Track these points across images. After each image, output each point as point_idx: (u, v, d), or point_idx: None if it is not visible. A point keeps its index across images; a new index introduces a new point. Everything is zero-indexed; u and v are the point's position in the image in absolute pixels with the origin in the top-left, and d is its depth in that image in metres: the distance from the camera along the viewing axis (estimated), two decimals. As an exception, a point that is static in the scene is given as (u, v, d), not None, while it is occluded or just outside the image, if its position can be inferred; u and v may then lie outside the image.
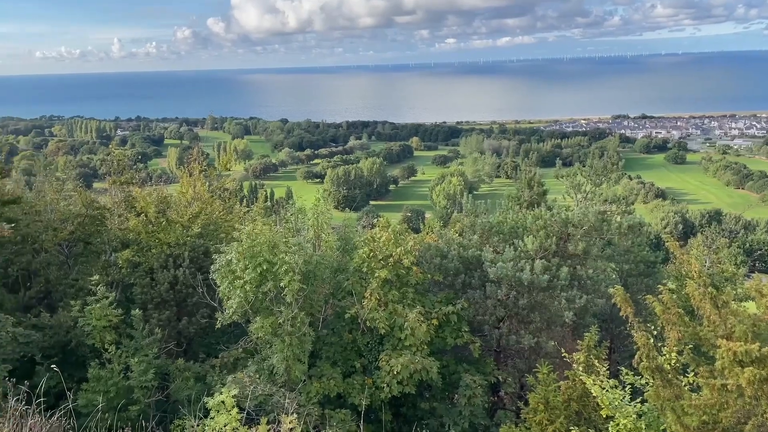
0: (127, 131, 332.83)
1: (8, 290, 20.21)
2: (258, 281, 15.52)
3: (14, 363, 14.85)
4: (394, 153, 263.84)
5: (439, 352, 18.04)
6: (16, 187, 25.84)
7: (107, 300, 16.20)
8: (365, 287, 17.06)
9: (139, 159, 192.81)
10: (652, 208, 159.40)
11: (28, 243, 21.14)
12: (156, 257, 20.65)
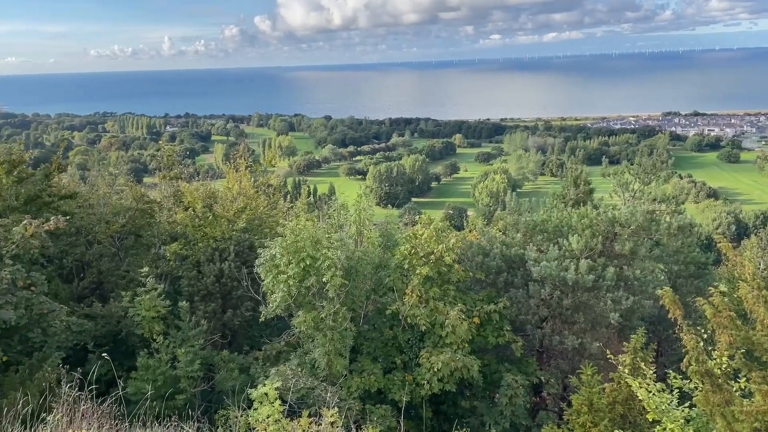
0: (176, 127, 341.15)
1: (63, 280, 21.00)
2: (301, 276, 15.70)
3: (68, 351, 15.41)
4: (437, 150, 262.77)
5: (481, 351, 17.91)
6: (71, 181, 26.86)
7: (156, 291, 16.65)
8: (406, 284, 17.08)
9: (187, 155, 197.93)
10: (703, 208, 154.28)
11: (82, 235, 21.94)
12: (203, 251, 21.14)
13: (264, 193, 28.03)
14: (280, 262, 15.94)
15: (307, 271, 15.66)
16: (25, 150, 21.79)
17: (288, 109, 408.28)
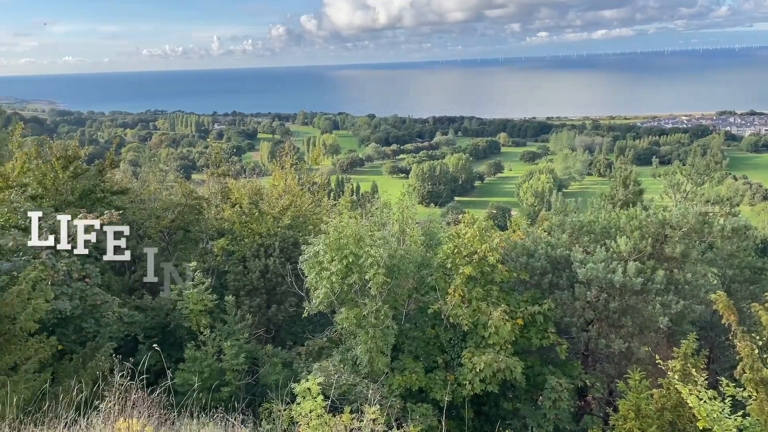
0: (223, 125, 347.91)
1: (115, 273, 21.70)
2: (344, 273, 15.82)
3: (119, 341, 15.93)
4: (481, 149, 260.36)
5: (524, 352, 17.68)
6: (123, 177, 27.76)
7: (203, 285, 17.05)
8: (449, 283, 16.99)
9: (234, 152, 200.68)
10: (759, 210, 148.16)
11: (133, 229, 22.65)
12: (248, 246, 21.53)
13: (308, 191, 28.35)
14: (323, 258, 16.10)
15: (350, 268, 15.77)
16: (81, 146, 22.61)
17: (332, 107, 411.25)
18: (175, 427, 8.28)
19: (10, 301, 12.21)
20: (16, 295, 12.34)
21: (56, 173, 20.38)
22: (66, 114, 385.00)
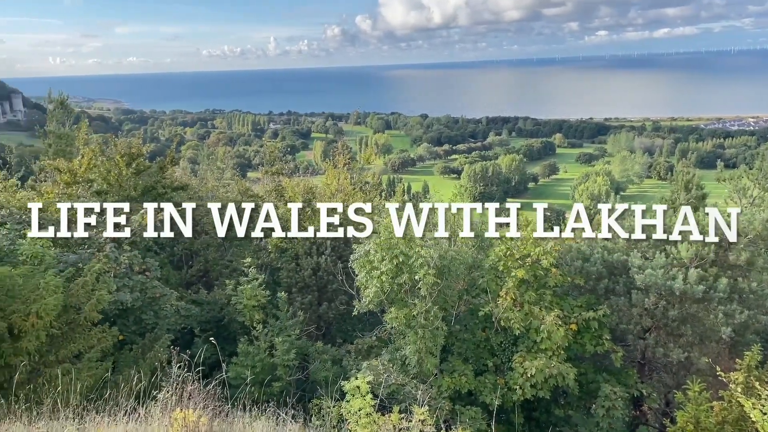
0: (278, 125, 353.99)
1: (173, 267, 22.44)
2: (394, 273, 15.85)
3: (176, 333, 16.43)
4: (535, 150, 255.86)
5: (577, 359, 17.29)
6: (183, 174, 28.65)
7: (257, 281, 17.40)
8: (500, 286, 16.78)
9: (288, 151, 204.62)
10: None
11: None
12: (301, 244, 21.86)
13: (360, 190, 28.55)
14: (373, 258, 16.17)
15: (400, 268, 15.78)
16: (143, 144, 23.48)
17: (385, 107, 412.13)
18: (229, 420, 8.48)
19: (75, 292, 12.79)
20: (81, 286, 12.91)
21: (120, 170, 21.21)
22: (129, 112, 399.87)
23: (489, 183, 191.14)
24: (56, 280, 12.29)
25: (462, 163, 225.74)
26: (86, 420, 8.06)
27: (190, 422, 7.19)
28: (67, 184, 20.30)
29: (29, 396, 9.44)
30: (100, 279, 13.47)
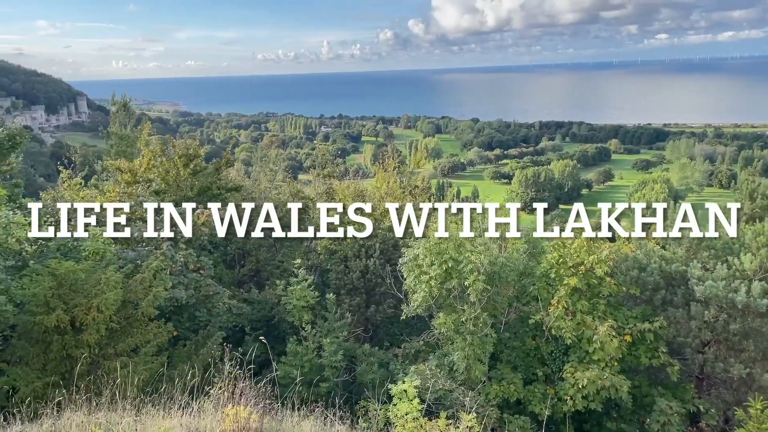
0: (329, 128, 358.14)
1: (226, 266, 22.96)
2: (443, 278, 15.80)
3: (228, 331, 16.84)
4: (590, 155, 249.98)
5: (631, 371, 16.79)
6: (237, 175, 29.31)
7: (306, 282, 17.63)
8: (552, 294, 16.49)
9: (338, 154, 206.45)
10: None
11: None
12: (350, 247, 22.03)
13: (410, 194, 28.58)
14: (422, 262, 16.15)
15: (449, 273, 15.72)
16: (200, 146, 24.15)
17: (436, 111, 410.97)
18: (278, 418, 8.62)
19: (134, 288, 13.27)
20: (139, 282, 13.39)
21: (178, 170, 21.88)
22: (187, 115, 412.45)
23: (541, 189, 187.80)
24: (116, 276, 12.79)
25: (513, 167, 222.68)
26: (142, 412, 8.33)
27: (241, 419, 7.34)
28: (128, 183, 21.08)
29: (89, 387, 9.82)
30: (157, 276, 13.93)
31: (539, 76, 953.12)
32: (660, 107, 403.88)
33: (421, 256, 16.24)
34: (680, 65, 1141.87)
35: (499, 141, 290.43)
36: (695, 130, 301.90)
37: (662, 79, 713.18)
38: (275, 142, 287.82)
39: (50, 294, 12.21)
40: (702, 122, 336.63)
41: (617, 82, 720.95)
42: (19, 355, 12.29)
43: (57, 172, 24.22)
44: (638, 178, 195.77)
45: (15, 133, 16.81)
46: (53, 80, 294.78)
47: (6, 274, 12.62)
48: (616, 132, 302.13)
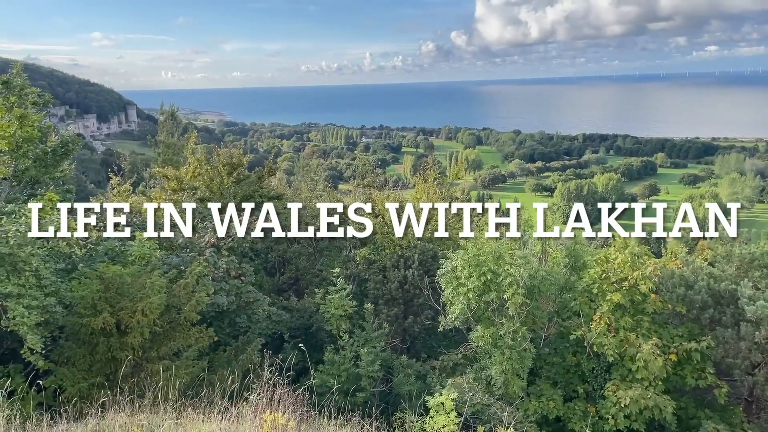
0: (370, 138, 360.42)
1: (266, 274, 23.28)
2: (481, 290, 15.64)
3: (266, 338, 17.01)
4: (635, 169, 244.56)
5: (676, 392, 16.27)
6: (279, 184, 29.72)
7: (345, 291, 17.70)
8: (594, 309, 16.14)
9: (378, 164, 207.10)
10: None
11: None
12: (389, 257, 22.05)
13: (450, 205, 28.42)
14: (461, 274, 16.03)
15: (488, 285, 15.56)
16: (243, 154, 24.59)
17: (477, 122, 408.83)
18: (315, 425, 8.65)
19: (177, 293, 13.56)
20: (182, 287, 13.68)
21: (222, 178, 22.32)
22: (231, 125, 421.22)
23: (584, 202, 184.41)
24: (161, 280, 13.10)
25: (555, 180, 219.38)
26: (183, 415, 8.48)
27: (279, 425, 7.40)
28: (174, 190, 21.62)
29: (132, 389, 10.06)
30: (200, 282, 14.21)
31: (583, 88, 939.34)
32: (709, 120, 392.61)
33: (460, 267, 16.12)
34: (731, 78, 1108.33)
35: (541, 153, 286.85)
36: (746, 145, 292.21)
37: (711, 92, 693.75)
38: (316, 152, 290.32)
39: (97, 297, 12.58)
40: (753, 136, 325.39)
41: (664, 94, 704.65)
42: (66, 355, 12.68)
43: (107, 178, 25.05)
44: (686, 193, 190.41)
45: (68, 140, 17.41)
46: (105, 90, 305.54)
47: (56, 276, 13.07)
48: (662, 145, 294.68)
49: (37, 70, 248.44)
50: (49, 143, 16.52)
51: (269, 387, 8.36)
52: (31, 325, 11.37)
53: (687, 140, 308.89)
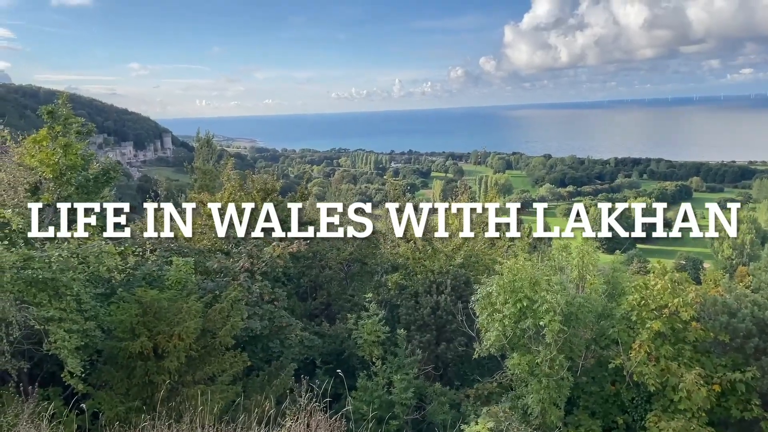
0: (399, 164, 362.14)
1: (299, 299, 23.33)
2: (517, 317, 15.38)
3: (299, 363, 16.98)
4: (669, 193, 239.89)
5: (721, 424, 15.65)
6: (311, 209, 29.92)
7: (377, 317, 17.63)
8: (633, 337, 15.73)
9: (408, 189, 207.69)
10: None
11: (316, 259, 24.21)
12: (421, 282, 21.91)
13: (481, 231, 28.18)
14: (496, 300, 15.81)
15: (524, 312, 15.29)
16: (276, 180, 24.92)
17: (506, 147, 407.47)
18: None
19: (212, 317, 13.68)
20: (218, 312, 13.80)
21: (256, 204, 22.58)
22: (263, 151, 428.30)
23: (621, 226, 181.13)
24: (197, 305, 13.24)
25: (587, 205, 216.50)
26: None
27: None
28: (209, 216, 21.93)
29: (170, 413, 10.10)
30: (234, 306, 14.32)
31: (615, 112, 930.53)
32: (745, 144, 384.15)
33: (495, 293, 15.90)
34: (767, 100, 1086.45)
35: (572, 177, 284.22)
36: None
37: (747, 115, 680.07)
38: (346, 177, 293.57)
39: (136, 321, 12.77)
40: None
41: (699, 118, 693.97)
42: (104, 379, 12.85)
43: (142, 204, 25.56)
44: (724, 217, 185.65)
45: (110, 168, 17.92)
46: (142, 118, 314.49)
47: (96, 300, 13.31)
48: (697, 169, 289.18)
49: (77, 99, 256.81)
50: (91, 171, 16.99)
51: (306, 413, 8.31)
52: (71, 349, 11.58)
53: (723, 164, 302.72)
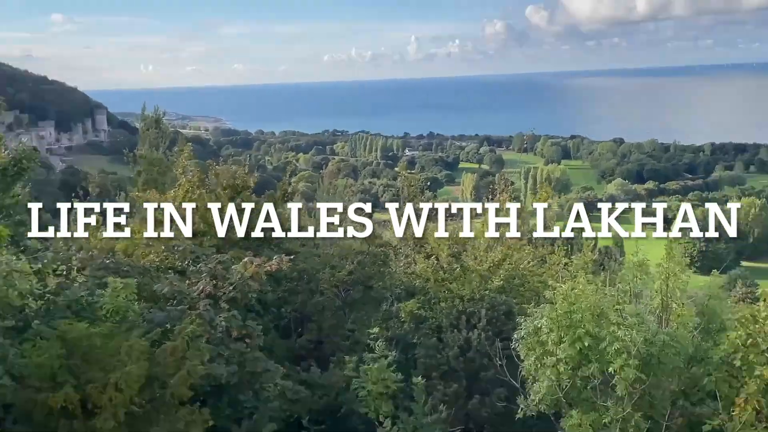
0: (416, 150, 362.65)
1: (279, 334, 23.32)
2: (576, 361, 15.44)
3: (280, 423, 16.98)
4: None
5: None
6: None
7: (386, 360, 17.63)
8: (737, 389, 15.71)
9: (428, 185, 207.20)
10: None
11: (303, 281, 24.19)
12: (446, 313, 21.96)
13: (529, 242, 28.18)
14: (547, 338, 15.86)
15: (586, 355, 15.36)
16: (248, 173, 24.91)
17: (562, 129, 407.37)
18: None
19: (162, 360, 13.72)
20: (169, 353, 13.83)
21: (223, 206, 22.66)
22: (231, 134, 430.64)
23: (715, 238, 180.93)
24: (141, 343, 13.30)
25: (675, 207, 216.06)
26: None
27: None
28: (159, 222, 22.02)
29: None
30: (192, 345, 14.35)
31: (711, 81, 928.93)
32: None
33: (546, 329, 15.95)
34: None
35: (653, 170, 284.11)
36: None
37: None
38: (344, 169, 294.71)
39: (58, 365, 12.83)
40: None
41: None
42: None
43: (72, 205, 25.70)
44: None
45: (21, 157, 17.99)
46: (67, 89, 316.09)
47: (4, 337, 13.35)
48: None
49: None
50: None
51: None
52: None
53: None
